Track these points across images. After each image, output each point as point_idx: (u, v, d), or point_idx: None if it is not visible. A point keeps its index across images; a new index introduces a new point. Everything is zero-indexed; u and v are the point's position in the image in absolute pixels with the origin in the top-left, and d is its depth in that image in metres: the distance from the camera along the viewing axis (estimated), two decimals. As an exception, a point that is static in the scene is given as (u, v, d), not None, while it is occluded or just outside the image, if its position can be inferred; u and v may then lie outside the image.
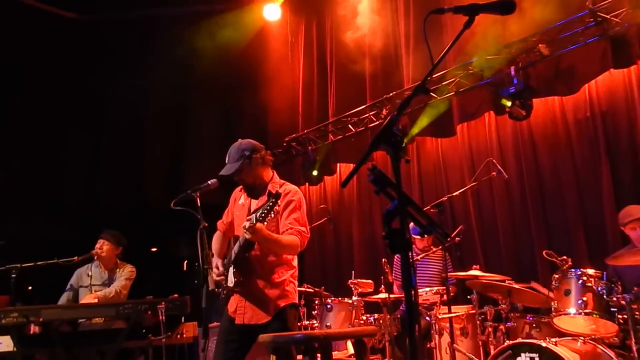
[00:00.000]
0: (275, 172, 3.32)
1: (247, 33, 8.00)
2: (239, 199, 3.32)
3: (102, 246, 4.75)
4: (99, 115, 8.13)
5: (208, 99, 8.25)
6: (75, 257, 4.55)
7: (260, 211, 2.78)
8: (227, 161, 3.19)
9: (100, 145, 8.09)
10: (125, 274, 4.76)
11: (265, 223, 2.80)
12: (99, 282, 4.70)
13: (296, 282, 3.22)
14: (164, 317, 3.50)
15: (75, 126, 7.98)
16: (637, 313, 3.27)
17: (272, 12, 7.81)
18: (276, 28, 8.17)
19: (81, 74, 7.76)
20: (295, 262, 3.24)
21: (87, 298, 4.54)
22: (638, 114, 4.81)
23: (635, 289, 3.36)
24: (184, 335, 3.86)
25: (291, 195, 3.14)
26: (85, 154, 7.98)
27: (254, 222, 2.75)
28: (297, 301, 3.19)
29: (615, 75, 5.01)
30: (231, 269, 3.07)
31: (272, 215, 2.79)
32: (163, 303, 3.61)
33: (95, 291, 4.59)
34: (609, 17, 4.77)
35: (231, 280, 3.03)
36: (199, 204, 3.06)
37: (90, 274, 4.72)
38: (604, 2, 4.76)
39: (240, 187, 3.31)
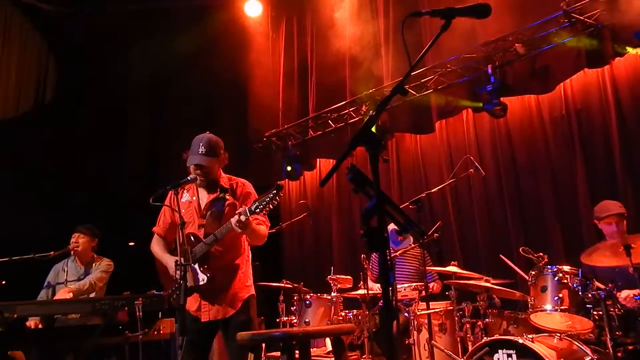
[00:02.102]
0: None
1: (227, 28, 7.94)
2: (181, 197, 3.22)
3: (78, 240, 4.63)
4: (77, 104, 7.95)
5: (188, 93, 8.15)
6: (52, 252, 4.44)
7: (257, 204, 2.82)
8: (200, 151, 3.13)
9: (77, 136, 7.89)
10: (102, 267, 4.66)
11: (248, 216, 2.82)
12: (74, 277, 4.59)
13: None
14: (141, 313, 3.44)
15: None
16: (611, 309, 3.33)
17: (253, 8, 7.78)
18: (257, 24, 8.11)
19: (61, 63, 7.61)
20: (248, 253, 3.30)
21: (61, 293, 4.41)
22: (612, 113, 4.92)
23: (610, 285, 3.44)
24: (161, 332, 3.81)
25: (248, 187, 3.25)
26: (63, 145, 7.77)
27: (248, 215, 2.79)
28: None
29: (589, 74, 5.11)
30: (196, 267, 3.02)
31: (270, 207, 2.83)
32: (140, 299, 3.55)
33: (70, 285, 4.47)
34: (582, 18, 4.87)
35: (202, 279, 2.98)
36: (177, 199, 3.02)
37: (66, 269, 4.62)
38: (578, 3, 4.84)
39: (178, 188, 3.16)
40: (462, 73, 5.87)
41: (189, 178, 3.09)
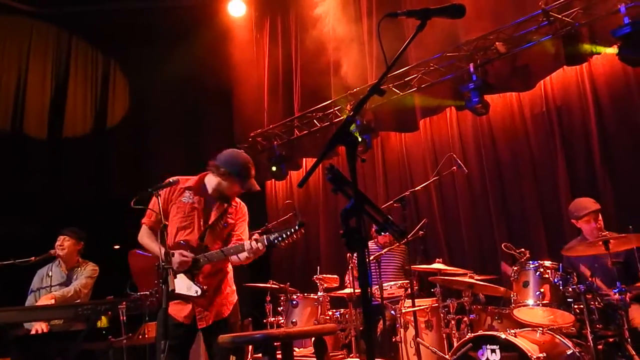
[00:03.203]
0: None
1: (212, 28, 7.93)
2: (181, 195, 3.23)
3: (63, 243, 4.56)
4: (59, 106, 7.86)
5: (173, 92, 8.10)
6: (32, 257, 4.36)
7: (276, 235, 2.87)
8: (253, 174, 3.24)
9: (61, 136, 7.80)
10: (87, 272, 4.59)
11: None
12: (58, 282, 4.52)
13: None
14: (124, 318, 3.40)
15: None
16: (591, 303, 3.39)
17: (236, 8, 7.78)
18: (241, 24, 8.10)
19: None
20: None
21: (43, 299, 4.35)
22: (590, 109, 5.01)
23: (590, 279, 3.50)
24: (147, 336, 3.78)
25: (245, 211, 3.35)
26: (45, 146, 7.67)
27: (265, 244, 2.87)
28: None
29: (568, 72, 5.19)
30: (183, 277, 3.00)
31: (289, 242, 2.88)
32: (124, 303, 3.51)
33: (54, 292, 4.40)
34: (560, 17, 4.94)
35: (196, 291, 2.97)
36: (159, 202, 3.00)
37: (50, 274, 4.54)
38: (556, 2, 4.91)
39: (186, 186, 3.24)
40: (445, 71, 5.92)
41: (170, 180, 3.08)
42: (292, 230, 2.81)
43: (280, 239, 2.83)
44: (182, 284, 2.98)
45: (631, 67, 4.68)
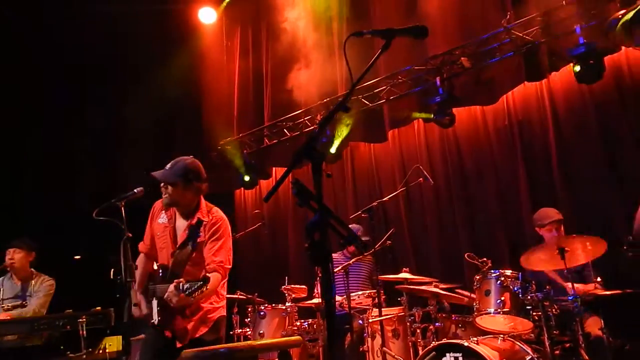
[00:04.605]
0: (202, 197, 3.24)
1: (181, 34, 7.88)
2: (159, 216, 3.21)
3: (13, 255, 4.42)
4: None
5: (141, 100, 7.99)
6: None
7: (188, 286, 2.74)
8: (167, 166, 3.09)
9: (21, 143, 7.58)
10: (44, 289, 4.43)
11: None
12: (10, 294, 4.35)
13: None
14: (84, 332, 3.32)
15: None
16: (548, 310, 3.53)
17: (207, 15, 7.74)
18: (211, 31, 8.08)
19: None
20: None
21: None
22: (549, 123, 5.21)
23: (547, 287, 3.63)
24: (107, 350, 3.68)
25: (217, 225, 3.11)
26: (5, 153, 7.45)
27: (178, 295, 2.74)
28: None
29: (529, 87, 5.39)
30: (154, 304, 2.91)
31: (199, 293, 2.76)
32: (84, 317, 3.42)
33: (8, 305, 4.22)
34: (521, 35, 5.14)
35: (156, 320, 2.87)
36: (123, 213, 2.95)
37: (1, 288, 4.37)
38: (518, 21, 5.12)
39: (161, 203, 3.19)
40: (413, 84, 6.06)
41: (135, 191, 3.02)
42: (199, 284, 2.73)
43: (189, 291, 2.73)
44: (152, 307, 2.92)
45: (587, 85, 4.89)
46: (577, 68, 4.64)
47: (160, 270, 3.02)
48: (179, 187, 3.06)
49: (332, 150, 6.51)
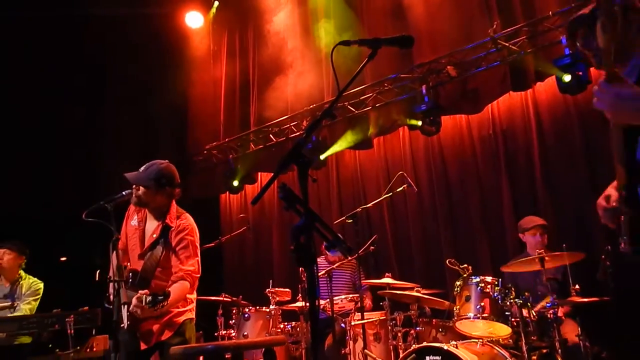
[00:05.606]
0: (174, 202, 3.28)
1: (168, 38, 7.89)
2: (132, 218, 3.25)
3: (3, 256, 4.44)
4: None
5: (127, 102, 7.97)
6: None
7: (150, 299, 2.76)
8: (141, 169, 3.15)
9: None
10: (32, 293, 4.46)
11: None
12: None
13: None
14: (72, 331, 3.35)
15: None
16: (526, 316, 3.62)
17: (194, 19, 7.79)
18: (198, 35, 8.10)
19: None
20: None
21: None
22: (533, 133, 5.32)
23: (526, 294, 3.72)
24: (94, 349, 3.71)
25: (184, 232, 3.15)
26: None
27: (142, 306, 2.77)
28: None
29: (514, 97, 5.50)
30: (124, 310, 2.86)
31: (159, 307, 2.79)
32: (72, 316, 3.46)
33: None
34: (508, 44, 5.24)
35: (125, 324, 2.81)
36: (112, 214, 2.99)
37: None
38: (504, 31, 5.22)
39: (135, 206, 3.24)
40: (399, 92, 6.14)
41: (123, 193, 3.07)
42: (161, 298, 2.77)
43: (151, 304, 2.76)
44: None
45: (570, 95, 5.01)
46: (568, 77, 4.68)
47: (131, 275, 3.05)
48: (151, 190, 3.12)
49: (322, 157, 6.56)
